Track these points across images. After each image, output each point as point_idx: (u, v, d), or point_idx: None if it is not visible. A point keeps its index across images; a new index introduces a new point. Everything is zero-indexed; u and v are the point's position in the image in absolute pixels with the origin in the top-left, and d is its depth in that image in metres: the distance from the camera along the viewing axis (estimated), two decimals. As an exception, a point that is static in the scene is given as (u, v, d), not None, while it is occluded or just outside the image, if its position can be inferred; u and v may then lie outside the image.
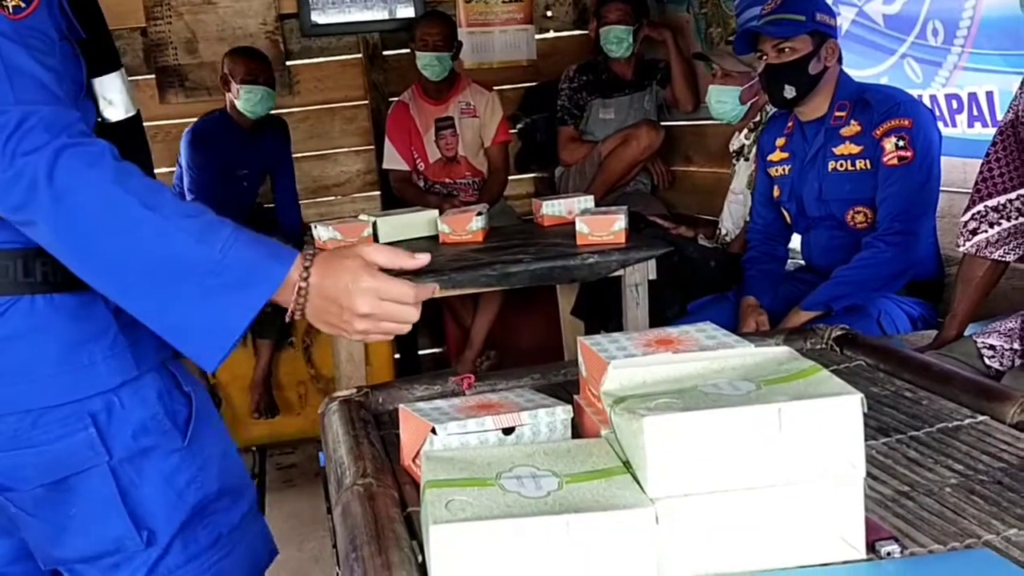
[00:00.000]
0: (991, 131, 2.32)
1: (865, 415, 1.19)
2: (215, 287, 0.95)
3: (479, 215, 2.85)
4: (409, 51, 3.88)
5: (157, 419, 1.16)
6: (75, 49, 1.12)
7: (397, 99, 3.99)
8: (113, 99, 1.17)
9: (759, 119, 3.04)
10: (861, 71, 2.71)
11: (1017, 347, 1.77)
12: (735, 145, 3.17)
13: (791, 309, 2.36)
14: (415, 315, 1.03)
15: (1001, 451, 1.05)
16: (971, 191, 1.91)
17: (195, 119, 3.73)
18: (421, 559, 0.86)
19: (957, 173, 2.50)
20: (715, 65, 3.06)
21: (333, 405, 1.29)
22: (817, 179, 2.42)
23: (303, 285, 0.99)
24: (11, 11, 0.97)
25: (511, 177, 4.14)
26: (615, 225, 2.58)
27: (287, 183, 3.93)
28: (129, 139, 1.18)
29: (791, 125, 2.52)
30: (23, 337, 1.07)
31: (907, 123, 2.25)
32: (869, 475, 1.01)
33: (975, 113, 2.43)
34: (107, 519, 1.13)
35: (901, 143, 2.25)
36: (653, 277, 2.57)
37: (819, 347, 1.50)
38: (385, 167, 3.99)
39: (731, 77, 2.99)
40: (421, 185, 3.96)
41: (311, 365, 3.67)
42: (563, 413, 1.06)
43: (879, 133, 2.28)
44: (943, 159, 2.33)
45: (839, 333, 1.50)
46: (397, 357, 3.89)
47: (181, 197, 2.61)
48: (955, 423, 1.14)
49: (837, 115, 2.37)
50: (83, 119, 1.02)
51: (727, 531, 0.81)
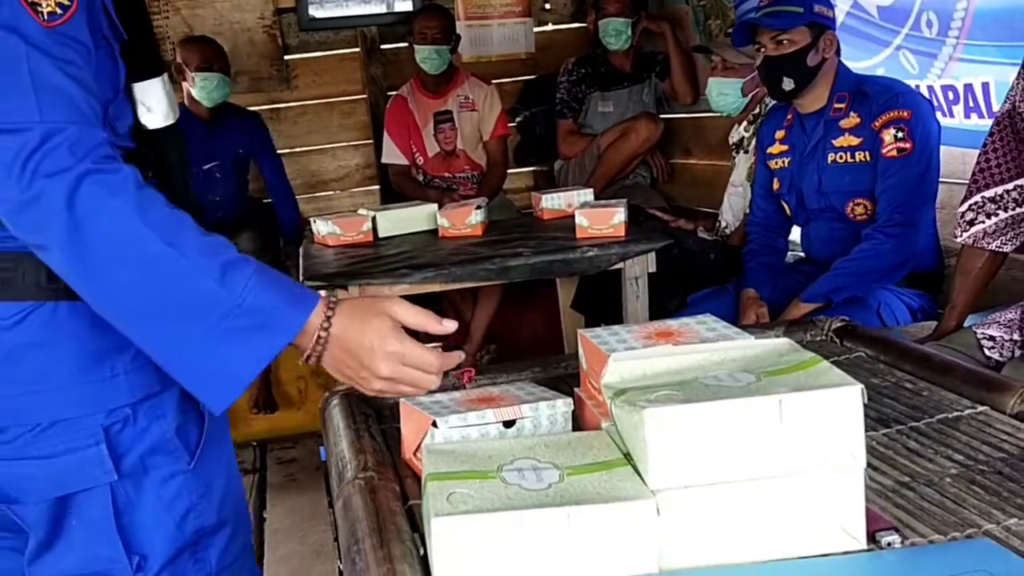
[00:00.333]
0: (988, 122, 2.32)
1: (865, 406, 1.19)
2: (232, 330, 0.91)
3: (478, 209, 2.85)
4: (407, 45, 3.88)
5: (168, 439, 1.10)
6: (114, 51, 1.06)
7: (395, 93, 3.99)
8: (152, 106, 1.12)
9: (758, 111, 3.04)
10: (857, 63, 2.70)
11: (1017, 338, 1.77)
12: (734, 138, 3.17)
13: (791, 301, 2.36)
14: (435, 383, 0.99)
15: (1002, 441, 1.05)
16: (968, 182, 1.91)
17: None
18: (423, 552, 0.86)
19: (956, 164, 2.50)
20: (715, 57, 3.06)
21: (334, 399, 1.29)
22: (816, 171, 2.42)
23: (323, 335, 0.95)
24: (46, 18, 0.92)
25: (510, 171, 4.14)
26: (615, 218, 2.58)
27: (273, 176, 3.92)
28: (166, 147, 1.13)
29: (790, 117, 2.52)
30: (42, 345, 1.03)
31: (906, 114, 2.24)
32: (870, 466, 1.01)
33: (971, 104, 2.43)
34: (98, 539, 1.07)
35: (900, 134, 2.24)
36: (653, 270, 2.57)
37: (819, 339, 1.51)
38: (384, 161, 3.99)
39: (733, 69, 2.99)
40: (420, 179, 3.96)
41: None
42: (564, 406, 1.06)
43: (878, 125, 2.28)
44: (942, 149, 2.33)
45: (839, 325, 1.50)
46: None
47: None
48: (955, 414, 1.14)
49: (836, 107, 2.37)
50: (116, 124, 0.98)
51: (728, 522, 0.82)
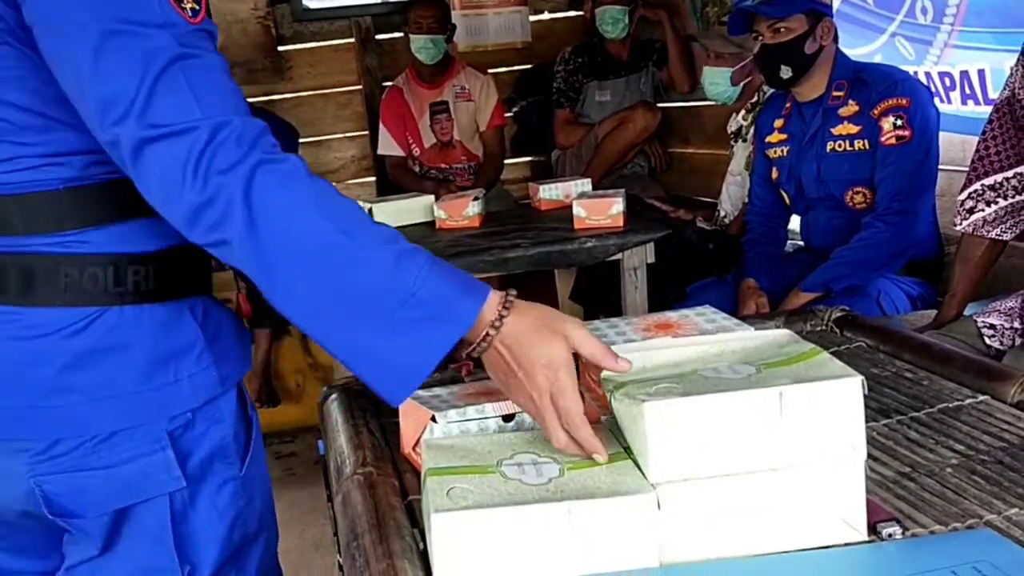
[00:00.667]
0: (985, 109, 2.32)
1: (866, 397, 1.19)
2: (406, 321, 0.88)
3: (476, 200, 2.85)
4: (402, 35, 3.86)
5: (227, 444, 1.07)
6: None
7: (391, 84, 3.97)
8: None
9: (756, 100, 3.03)
10: (852, 50, 2.70)
11: (1017, 326, 1.77)
12: (733, 127, 3.16)
13: (791, 290, 2.36)
14: (559, 438, 0.89)
15: (1002, 431, 1.05)
16: (967, 170, 1.91)
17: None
18: (422, 547, 0.86)
19: (956, 151, 2.49)
20: (708, 47, 3.06)
21: (332, 394, 1.29)
22: (815, 160, 2.41)
23: (491, 332, 0.91)
24: (190, 14, 0.91)
25: (507, 161, 4.13)
26: (613, 208, 2.57)
27: None
28: None
29: (789, 106, 2.51)
30: (108, 352, 0.99)
31: (904, 102, 2.24)
32: (870, 456, 1.01)
33: (967, 91, 2.43)
34: (153, 549, 1.04)
35: (899, 122, 2.24)
36: (652, 261, 2.57)
37: (819, 329, 1.50)
38: (380, 153, 3.98)
39: (722, 59, 2.99)
40: (417, 170, 3.95)
41: (309, 354, 3.67)
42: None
43: (877, 113, 2.27)
44: (942, 136, 2.32)
45: (839, 315, 1.50)
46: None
47: None
48: (956, 403, 1.14)
49: (835, 95, 2.36)
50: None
51: (728, 515, 0.81)
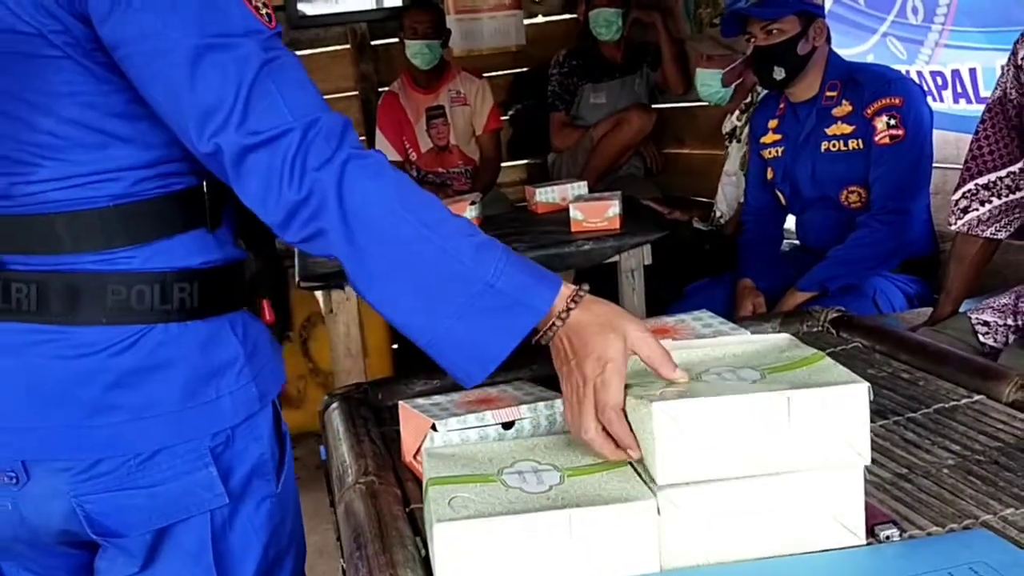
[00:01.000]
0: (977, 107, 2.33)
1: (862, 398, 1.19)
2: (484, 309, 0.92)
3: (473, 205, 2.85)
4: (398, 40, 3.87)
5: (265, 460, 1.08)
6: None
7: (387, 89, 3.98)
8: None
9: (750, 100, 3.04)
10: (844, 50, 2.71)
11: (1011, 323, 1.78)
12: (727, 127, 3.17)
13: (787, 290, 2.37)
14: (594, 439, 0.90)
15: (997, 431, 1.06)
16: (961, 169, 1.92)
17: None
18: (425, 555, 0.87)
19: (950, 149, 2.50)
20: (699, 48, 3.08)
21: (333, 402, 1.30)
22: (810, 160, 2.42)
23: (558, 322, 0.94)
24: (267, 19, 0.94)
25: (503, 164, 4.14)
26: (609, 211, 2.58)
27: None
28: None
29: (782, 106, 2.52)
30: (153, 370, 0.99)
31: (898, 101, 2.25)
32: (867, 458, 1.02)
33: (959, 90, 2.44)
34: (193, 567, 1.04)
35: (892, 122, 2.25)
36: (649, 262, 2.58)
37: (816, 330, 1.51)
38: (377, 158, 3.98)
39: (713, 60, 3.00)
40: (414, 175, 3.96)
41: (309, 359, 3.67)
42: (562, 406, 1.06)
43: (870, 112, 2.28)
44: (935, 134, 2.34)
45: (835, 315, 1.51)
46: (395, 347, 3.90)
47: None
48: (952, 403, 1.15)
49: (828, 95, 2.37)
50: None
51: (728, 521, 0.82)
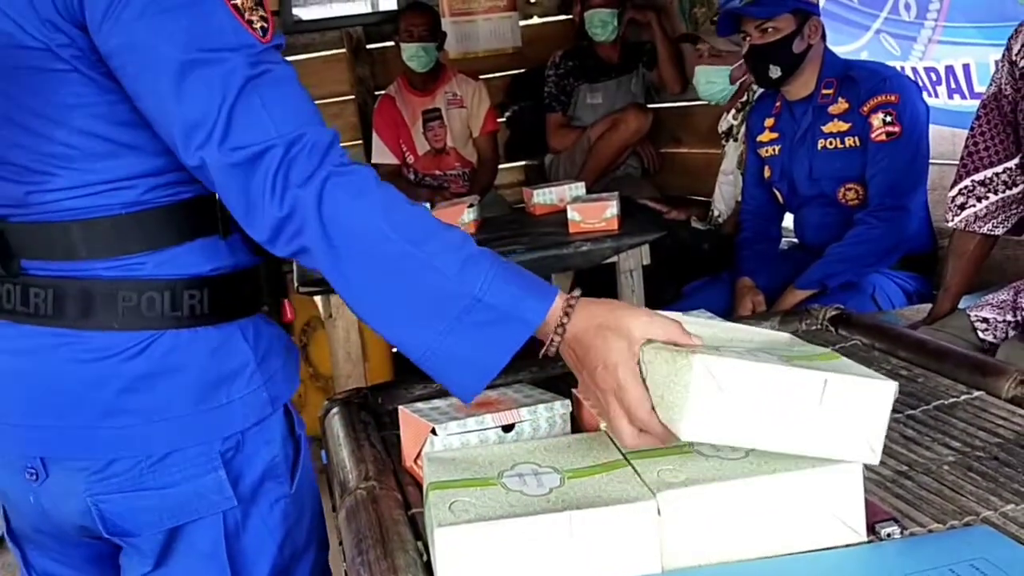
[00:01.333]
0: (972, 103, 2.33)
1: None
2: (474, 324, 0.92)
3: (471, 207, 2.85)
4: (393, 44, 3.87)
5: (277, 463, 1.09)
6: None
7: (383, 92, 3.98)
8: None
9: (746, 99, 3.04)
10: (838, 48, 2.71)
11: (1010, 319, 1.78)
12: (723, 126, 3.17)
13: (786, 288, 2.37)
14: (630, 437, 0.89)
15: (997, 426, 1.06)
16: (957, 166, 1.92)
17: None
18: (426, 559, 0.87)
19: (947, 144, 2.50)
20: (701, 45, 3.06)
21: (334, 407, 1.30)
22: (807, 158, 2.43)
23: (559, 332, 0.93)
24: (261, 32, 0.93)
25: (501, 166, 4.14)
26: (607, 212, 2.58)
27: None
28: None
29: (779, 105, 2.52)
30: (163, 375, 1.01)
31: (893, 98, 2.25)
32: (868, 456, 1.02)
33: (953, 86, 2.44)
34: (207, 567, 1.05)
35: (888, 118, 2.25)
36: (647, 262, 2.58)
37: (815, 328, 1.51)
38: (373, 162, 3.99)
39: (720, 57, 2.99)
40: (411, 178, 3.96)
41: (309, 364, 3.67)
42: (562, 408, 1.06)
43: (866, 109, 2.28)
44: (932, 129, 2.34)
45: (834, 313, 1.51)
46: (395, 351, 3.90)
47: None
48: (951, 400, 1.15)
49: (824, 93, 2.38)
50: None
51: (729, 520, 0.82)
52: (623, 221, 2.63)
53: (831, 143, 2.37)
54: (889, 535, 0.85)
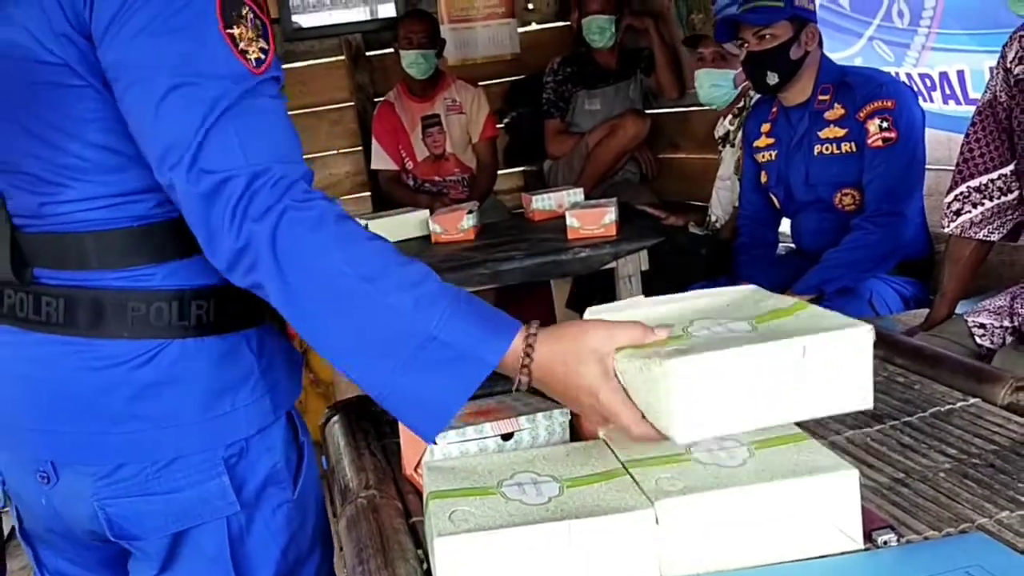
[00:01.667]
0: (967, 108, 2.34)
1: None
2: (429, 362, 0.90)
3: (470, 213, 2.86)
4: (392, 51, 3.88)
5: (279, 469, 1.11)
6: None
7: (382, 99, 4.00)
8: None
9: (743, 105, 3.05)
10: (832, 54, 2.72)
11: (1007, 324, 1.79)
12: (720, 132, 3.18)
13: (783, 293, 2.37)
14: (635, 439, 0.91)
15: (993, 433, 1.07)
16: (953, 172, 1.93)
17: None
18: (427, 567, 0.88)
19: (943, 150, 2.51)
20: (702, 50, 3.07)
21: (334, 415, 1.31)
22: (804, 163, 2.43)
23: (525, 367, 0.92)
24: (254, 64, 0.94)
25: (500, 171, 4.15)
26: (605, 218, 2.59)
27: None
28: None
29: (775, 110, 2.53)
30: (171, 383, 1.03)
31: (890, 104, 2.26)
32: (865, 463, 1.03)
33: (948, 92, 2.45)
34: (211, 568, 1.07)
35: (885, 124, 2.26)
36: (646, 268, 2.59)
37: (811, 334, 1.52)
38: (373, 167, 4.00)
39: (725, 60, 2.99)
40: (410, 184, 3.97)
41: (310, 370, 3.67)
42: (560, 416, 1.07)
43: (863, 115, 2.29)
44: (928, 134, 2.35)
45: (830, 319, 1.52)
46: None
47: None
48: (947, 407, 1.16)
49: (820, 99, 2.38)
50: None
51: (726, 528, 0.83)
52: (621, 227, 2.64)
53: (828, 149, 2.38)
54: (886, 543, 0.85)
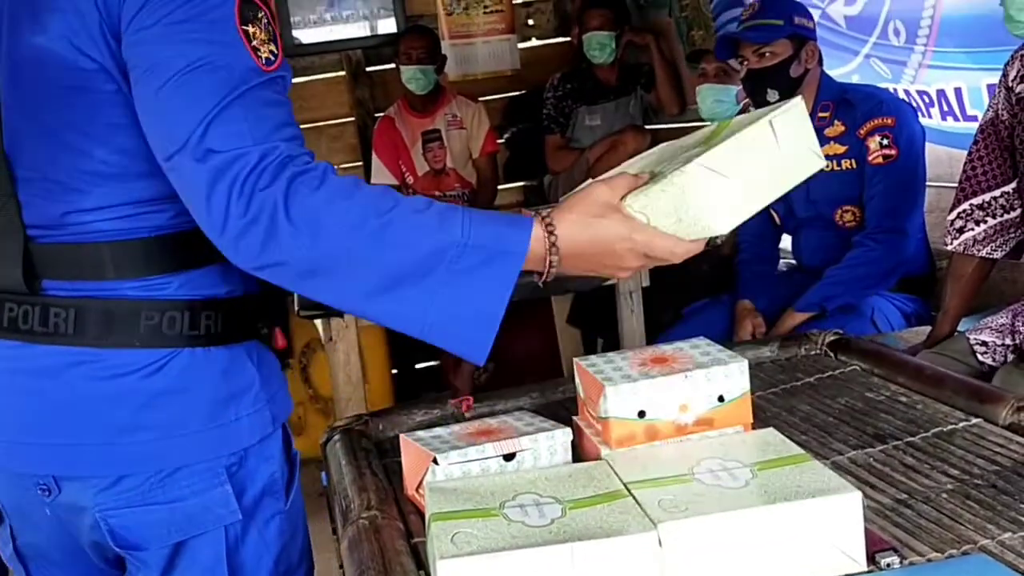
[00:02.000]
0: (964, 125, 2.35)
1: (862, 422, 1.21)
2: (465, 271, 0.92)
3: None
4: (393, 66, 3.90)
5: (275, 479, 1.12)
6: None
7: (383, 114, 4.01)
8: None
9: (743, 121, 3.06)
10: (829, 72, 2.72)
11: (1009, 342, 1.79)
12: (720, 148, 3.18)
13: (785, 310, 2.37)
14: (681, 256, 1.00)
15: (995, 454, 1.06)
16: (956, 189, 1.94)
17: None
18: (429, 590, 0.87)
19: (943, 167, 2.51)
20: (704, 65, 3.07)
21: (335, 435, 1.30)
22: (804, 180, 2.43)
23: (552, 250, 0.94)
24: (264, 62, 0.96)
25: (500, 187, 4.15)
26: (606, 234, 2.58)
27: None
28: None
29: (776, 127, 2.54)
30: (179, 392, 1.04)
31: (890, 121, 2.27)
32: (868, 484, 1.03)
33: (945, 108, 2.45)
34: None
35: (885, 141, 2.27)
36: (646, 284, 2.59)
37: (813, 352, 1.52)
38: (373, 182, 3.99)
39: (728, 76, 2.99)
40: (411, 199, 3.97)
41: (309, 386, 3.67)
42: (562, 436, 1.07)
43: (863, 132, 2.30)
44: (929, 151, 2.35)
45: (833, 338, 1.52)
46: (395, 372, 3.90)
47: None
48: (950, 427, 1.15)
49: (821, 116, 2.39)
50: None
51: (729, 551, 0.83)
52: (622, 243, 2.63)
53: (828, 165, 2.38)
54: (889, 565, 0.85)
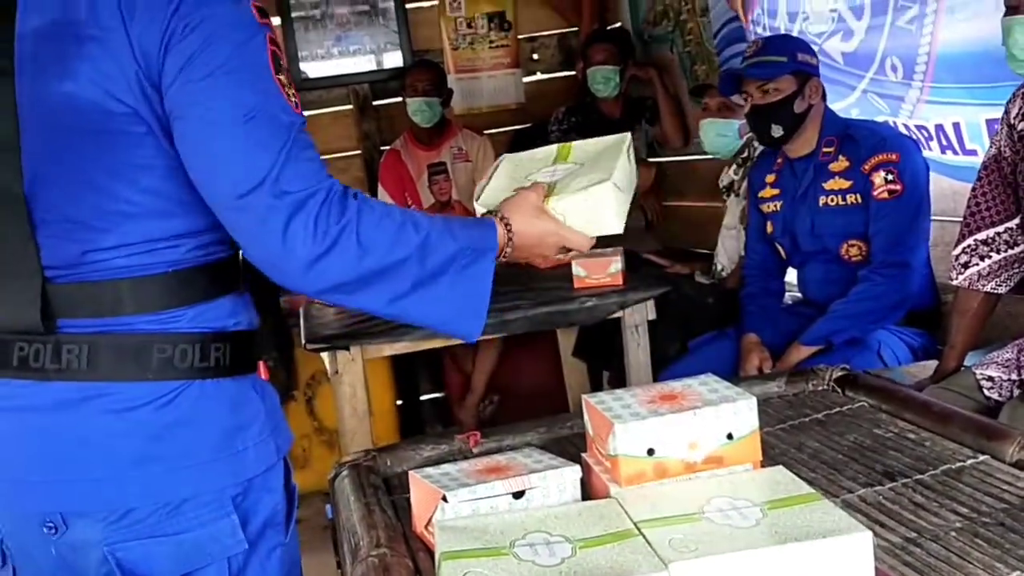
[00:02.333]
0: (964, 159, 2.36)
1: (871, 459, 1.21)
2: (463, 268, 1.12)
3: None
4: (400, 100, 3.93)
5: (278, 511, 1.14)
6: None
7: (389, 147, 4.04)
8: None
9: (747, 155, 3.08)
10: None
11: (1015, 377, 1.79)
12: (724, 181, 3.20)
13: (790, 343, 2.38)
14: (587, 246, 1.26)
15: (1003, 491, 1.06)
16: (960, 225, 1.95)
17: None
18: (439, 629, 0.87)
19: (948, 202, 2.53)
20: (707, 100, 3.10)
21: (343, 471, 1.30)
22: (809, 214, 2.45)
23: (510, 241, 1.18)
24: (295, 106, 1.05)
25: (505, 219, 4.17)
26: (612, 267, 2.60)
27: None
28: None
29: (780, 161, 2.56)
30: (190, 423, 1.07)
31: (894, 157, 2.28)
32: (878, 522, 1.03)
33: (944, 143, 2.46)
34: None
35: (890, 176, 2.28)
36: (653, 317, 2.60)
37: (821, 388, 1.52)
38: (379, 214, 4.02)
39: (731, 110, 3.01)
40: (416, 231, 3.99)
41: (314, 418, 3.66)
42: (572, 474, 1.07)
43: (867, 168, 2.31)
44: (933, 186, 2.36)
45: (840, 374, 1.52)
46: (400, 404, 3.90)
47: None
48: (958, 464, 1.15)
49: (825, 151, 2.41)
50: None
51: (740, 591, 0.83)
52: (628, 276, 2.65)
53: (833, 200, 2.40)
54: (900, 605, 0.85)
